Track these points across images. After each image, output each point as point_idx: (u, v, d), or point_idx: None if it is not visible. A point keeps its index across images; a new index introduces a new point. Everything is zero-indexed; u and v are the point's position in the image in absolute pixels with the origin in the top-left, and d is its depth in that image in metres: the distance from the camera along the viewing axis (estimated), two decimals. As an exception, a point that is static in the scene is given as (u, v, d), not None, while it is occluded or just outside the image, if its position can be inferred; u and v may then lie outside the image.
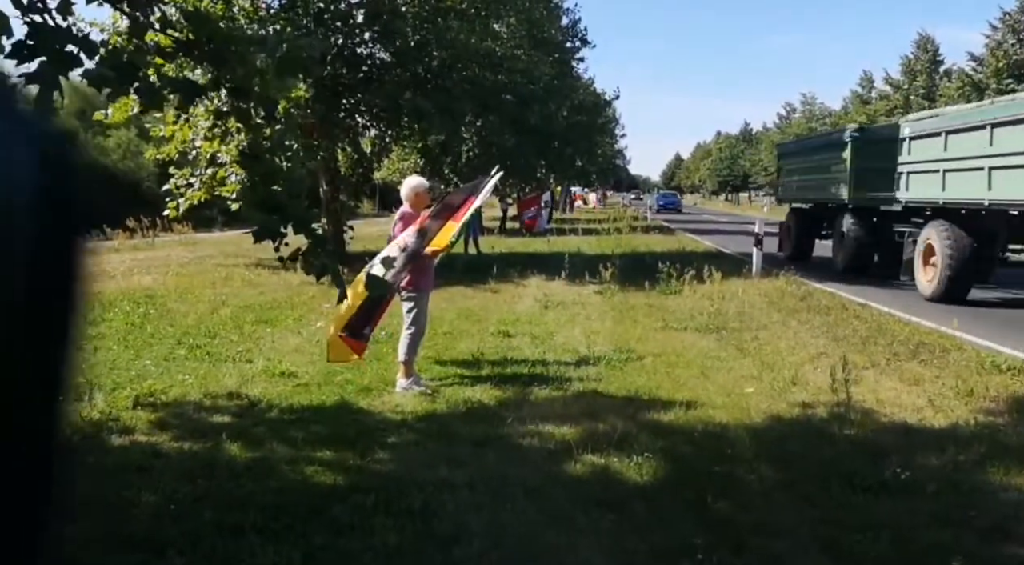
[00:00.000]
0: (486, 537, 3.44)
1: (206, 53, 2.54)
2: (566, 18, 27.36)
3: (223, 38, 2.62)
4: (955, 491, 4.01)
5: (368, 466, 4.28)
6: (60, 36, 2.47)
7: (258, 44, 2.86)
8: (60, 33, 2.48)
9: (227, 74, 2.58)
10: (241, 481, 3.99)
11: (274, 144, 2.86)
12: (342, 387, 5.89)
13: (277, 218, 2.73)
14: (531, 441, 4.71)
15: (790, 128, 56.55)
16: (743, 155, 75.30)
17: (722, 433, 4.90)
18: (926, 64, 37.79)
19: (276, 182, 2.76)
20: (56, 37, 2.46)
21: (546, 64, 21.69)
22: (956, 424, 5.19)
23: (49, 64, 2.46)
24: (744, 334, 8.23)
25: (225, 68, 2.55)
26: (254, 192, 2.88)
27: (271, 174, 2.77)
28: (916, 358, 7.06)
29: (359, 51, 14.01)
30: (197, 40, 2.53)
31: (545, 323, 8.83)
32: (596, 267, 11.57)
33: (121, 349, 7.13)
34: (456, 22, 13.88)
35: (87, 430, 4.77)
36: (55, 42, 2.46)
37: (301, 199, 2.80)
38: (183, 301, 10.08)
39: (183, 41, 2.57)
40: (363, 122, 15.45)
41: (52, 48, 2.46)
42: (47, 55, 2.47)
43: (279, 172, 2.79)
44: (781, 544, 3.44)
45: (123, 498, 3.71)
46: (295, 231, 2.83)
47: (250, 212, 2.86)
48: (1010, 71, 27.84)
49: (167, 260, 15.84)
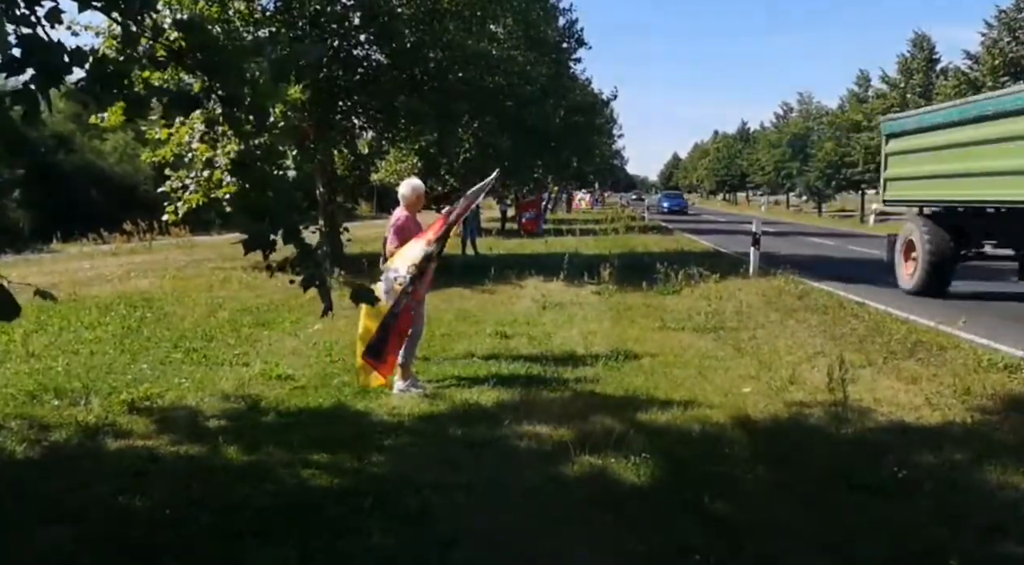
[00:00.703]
0: (483, 539, 3.45)
1: (198, 61, 2.53)
2: (563, 19, 27.37)
3: (215, 46, 2.61)
4: (952, 490, 4.01)
5: (365, 468, 4.28)
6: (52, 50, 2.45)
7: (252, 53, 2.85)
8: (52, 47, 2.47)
9: (219, 83, 2.57)
10: (238, 484, 3.99)
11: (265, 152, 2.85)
12: (339, 390, 5.88)
13: (267, 226, 2.72)
14: (528, 442, 4.70)
15: (787, 127, 56.61)
16: (740, 154, 75.31)
17: (720, 433, 4.90)
18: (922, 63, 37.85)
19: (267, 190, 2.75)
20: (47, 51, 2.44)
21: (543, 65, 21.72)
22: (953, 423, 5.19)
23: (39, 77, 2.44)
24: (742, 334, 8.23)
25: (217, 77, 2.55)
26: (245, 200, 2.87)
27: (262, 182, 2.76)
28: (913, 357, 7.06)
29: (355, 53, 14.00)
30: (189, 48, 2.52)
31: (543, 324, 8.83)
32: (594, 268, 11.57)
33: (117, 353, 7.12)
34: (452, 23, 13.88)
35: (83, 434, 4.76)
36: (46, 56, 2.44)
37: (292, 208, 2.79)
38: (180, 304, 10.06)
39: (175, 50, 2.56)
40: (360, 124, 15.44)
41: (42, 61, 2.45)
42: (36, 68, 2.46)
43: (270, 180, 2.78)
44: (779, 544, 3.43)
45: (119, 503, 3.71)
46: (284, 241, 2.82)
47: (241, 219, 2.86)
48: (1006, 69, 27.87)
49: (164, 263, 15.83)
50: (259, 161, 2.75)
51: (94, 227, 21.59)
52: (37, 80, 2.42)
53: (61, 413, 5.15)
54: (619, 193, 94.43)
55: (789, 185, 57.84)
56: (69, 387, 5.72)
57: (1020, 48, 27.84)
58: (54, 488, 3.91)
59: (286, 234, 2.75)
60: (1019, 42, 27.98)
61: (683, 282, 10.91)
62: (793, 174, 53.55)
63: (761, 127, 70.51)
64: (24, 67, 2.38)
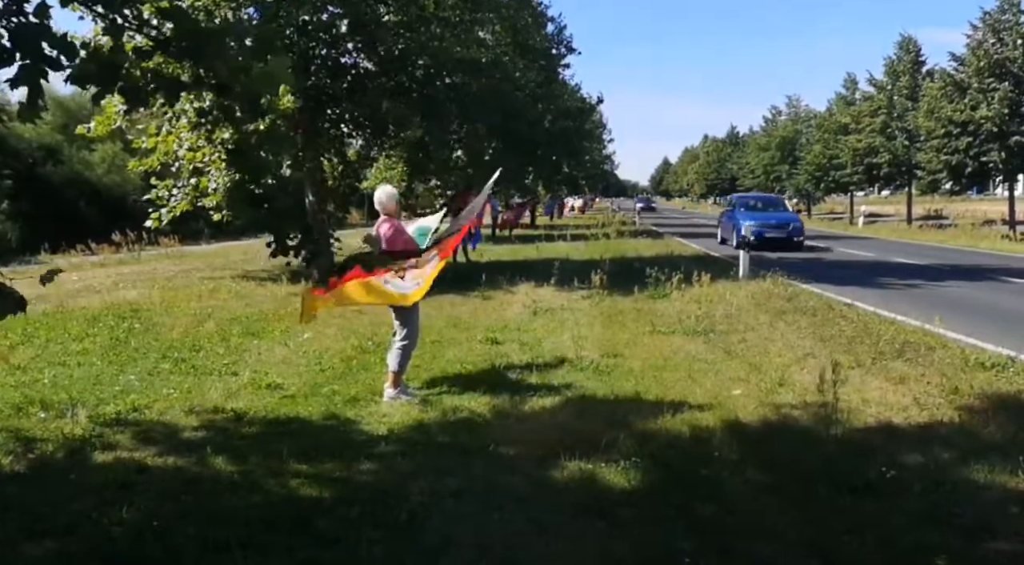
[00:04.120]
0: (473, 547, 3.43)
1: (184, 49, 2.52)
2: (551, 25, 27.44)
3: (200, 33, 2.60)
4: (940, 489, 4.03)
5: (354, 477, 4.26)
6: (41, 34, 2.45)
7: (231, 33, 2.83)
8: (41, 32, 2.46)
9: (207, 69, 2.57)
10: (226, 496, 3.96)
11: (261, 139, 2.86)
12: (329, 398, 5.86)
13: (265, 213, 2.72)
14: (519, 449, 4.69)
15: (776, 130, 56.81)
16: (730, 158, 75.63)
17: (709, 436, 4.90)
18: (909, 65, 38.05)
19: (263, 177, 2.75)
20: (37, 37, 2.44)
21: (532, 70, 21.76)
22: (941, 422, 5.21)
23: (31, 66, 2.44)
24: (731, 337, 8.25)
25: (203, 63, 2.54)
26: (240, 188, 2.87)
27: (257, 169, 2.76)
28: (901, 357, 7.09)
29: (343, 61, 13.99)
30: (174, 37, 2.51)
31: (534, 329, 8.83)
32: (585, 273, 11.58)
33: (105, 364, 7.08)
34: (440, 30, 13.89)
35: (70, 447, 4.72)
36: (36, 42, 2.44)
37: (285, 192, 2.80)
38: (169, 314, 10.01)
39: (160, 39, 2.55)
40: (348, 132, 15.42)
41: (33, 49, 2.44)
42: (28, 56, 2.45)
43: (266, 167, 2.78)
44: (768, 547, 3.44)
45: (106, 516, 3.68)
46: (284, 226, 2.82)
47: (238, 208, 2.86)
48: (991, 70, 28.09)
49: (153, 274, 15.74)
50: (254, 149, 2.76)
51: (82, 238, 21.48)
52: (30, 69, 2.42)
53: (47, 426, 5.11)
54: (609, 198, 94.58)
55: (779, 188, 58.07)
56: (55, 399, 5.68)
57: (1004, 49, 28.07)
58: (40, 501, 3.88)
59: (285, 218, 2.76)
60: (1003, 43, 28.21)
61: (673, 286, 10.93)
62: (782, 177, 53.74)
63: (750, 131, 70.80)
64: (14, 58, 2.37)
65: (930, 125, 30.45)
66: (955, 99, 29.19)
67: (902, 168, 37.28)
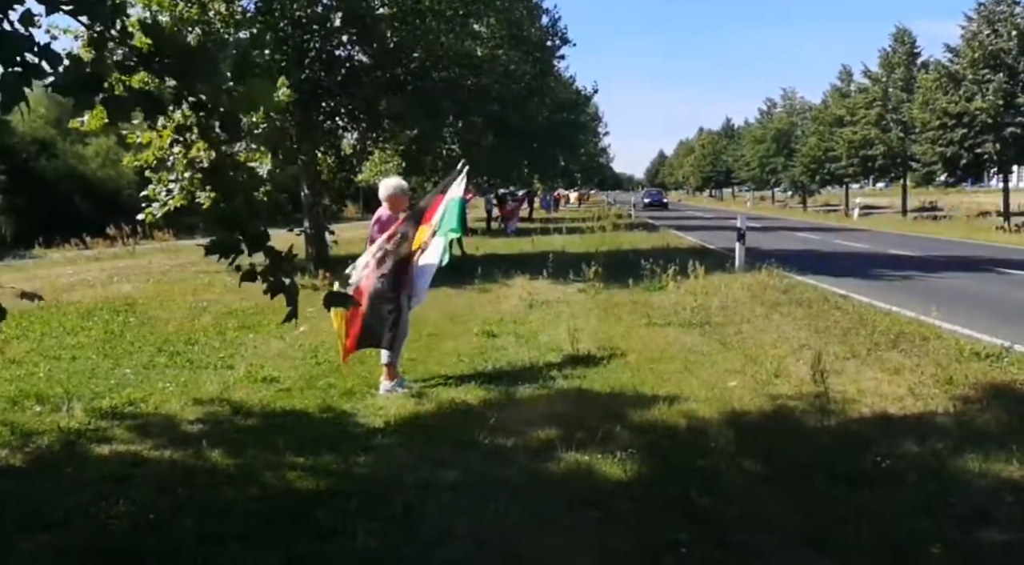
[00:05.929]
0: (470, 539, 3.44)
1: (165, 66, 2.50)
2: (546, 17, 27.35)
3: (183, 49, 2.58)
4: (936, 479, 4.04)
5: (351, 470, 4.26)
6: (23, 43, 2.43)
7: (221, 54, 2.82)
8: (23, 40, 2.44)
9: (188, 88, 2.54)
10: (223, 489, 3.96)
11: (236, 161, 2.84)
12: (325, 391, 5.85)
13: (236, 235, 2.70)
14: (515, 441, 4.69)
15: (771, 123, 56.83)
16: (726, 151, 75.61)
17: (705, 428, 4.91)
18: (903, 56, 38.10)
19: (236, 198, 2.73)
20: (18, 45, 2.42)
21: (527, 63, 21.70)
22: (936, 412, 5.23)
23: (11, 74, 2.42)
24: (727, 328, 8.26)
25: (184, 81, 2.52)
26: (214, 207, 2.85)
27: (231, 190, 2.74)
28: (896, 348, 7.12)
29: (337, 54, 13.94)
30: (157, 52, 2.49)
31: (529, 322, 8.83)
32: (580, 265, 11.58)
33: (100, 358, 7.06)
34: (435, 23, 13.83)
35: (66, 440, 4.72)
36: (17, 51, 2.42)
37: (257, 216, 2.77)
38: (164, 308, 9.99)
39: (143, 54, 2.53)
40: (343, 125, 15.37)
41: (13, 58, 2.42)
42: (9, 64, 2.43)
43: (240, 189, 2.76)
44: (764, 537, 3.45)
45: (102, 509, 3.67)
46: (250, 250, 2.80)
47: (212, 226, 2.84)
48: (986, 61, 28.12)
49: (148, 268, 15.71)
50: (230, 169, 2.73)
51: (77, 232, 21.41)
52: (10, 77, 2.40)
53: (43, 419, 5.10)
54: (604, 192, 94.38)
55: (774, 180, 58.13)
56: (51, 393, 5.67)
57: (999, 40, 28.09)
58: (36, 495, 3.87)
59: (252, 243, 2.73)
60: (998, 35, 28.23)
61: (669, 278, 10.94)
62: (778, 169, 53.79)
63: (745, 123, 70.75)
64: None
65: (925, 117, 30.51)
66: (950, 91, 29.25)
67: (897, 160, 37.38)
